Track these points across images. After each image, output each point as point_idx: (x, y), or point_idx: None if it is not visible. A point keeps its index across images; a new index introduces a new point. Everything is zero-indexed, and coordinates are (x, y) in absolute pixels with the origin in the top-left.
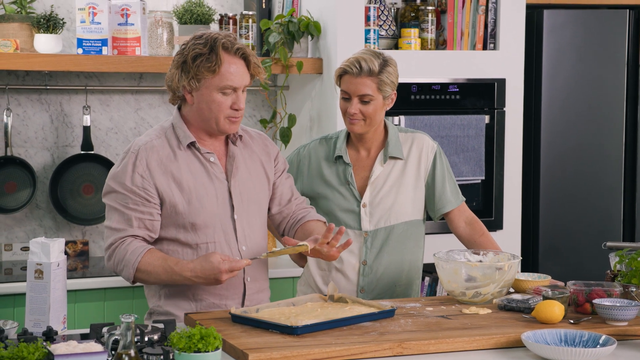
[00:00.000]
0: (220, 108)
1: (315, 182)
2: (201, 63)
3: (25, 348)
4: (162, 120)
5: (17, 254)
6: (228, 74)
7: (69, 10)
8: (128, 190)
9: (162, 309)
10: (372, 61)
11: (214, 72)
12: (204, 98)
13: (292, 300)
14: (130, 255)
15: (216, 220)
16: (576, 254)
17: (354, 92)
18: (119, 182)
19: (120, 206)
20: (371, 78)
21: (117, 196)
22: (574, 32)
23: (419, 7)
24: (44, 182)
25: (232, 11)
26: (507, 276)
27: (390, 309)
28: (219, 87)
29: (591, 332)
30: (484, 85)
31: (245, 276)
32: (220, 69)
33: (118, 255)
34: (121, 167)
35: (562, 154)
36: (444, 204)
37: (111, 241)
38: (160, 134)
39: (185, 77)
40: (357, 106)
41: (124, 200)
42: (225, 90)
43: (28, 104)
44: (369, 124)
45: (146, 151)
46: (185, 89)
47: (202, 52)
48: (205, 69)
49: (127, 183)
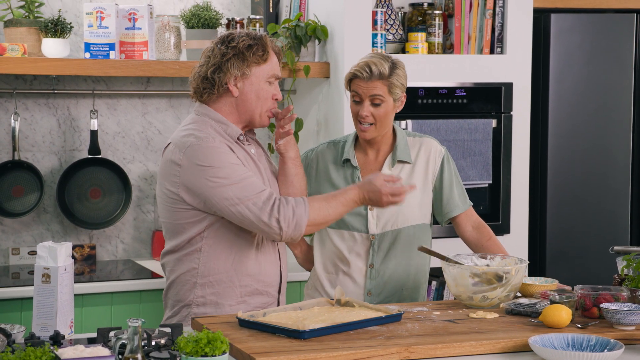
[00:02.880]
0: (267, 96)
1: (323, 186)
2: (255, 52)
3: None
4: (170, 124)
5: (24, 258)
6: (274, 64)
7: (77, 14)
8: (225, 155)
9: (204, 299)
10: (382, 64)
11: (265, 60)
12: (253, 87)
13: (299, 304)
14: (298, 208)
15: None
16: (583, 258)
17: (366, 93)
18: (218, 164)
19: (239, 180)
20: (382, 81)
21: (226, 173)
22: (581, 36)
23: (426, 11)
24: (51, 186)
25: (240, 15)
26: (515, 280)
27: (397, 313)
28: (268, 75)
29: (599, 337)
30: (491, 89)
31: (281, 264)
32: (269, 57)
33: (286, 211)
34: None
35: (570, 158)
36: (452, 209)
37: (267, 195)
38: (202, 127)
39: (240, 66)
40: (369, 109)
41: (235, 172)
42: (271, 79)
43: (35, 108)
44: (379, 127)
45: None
46: (235, 79)
47: (252, 44)
48: (259, 56)
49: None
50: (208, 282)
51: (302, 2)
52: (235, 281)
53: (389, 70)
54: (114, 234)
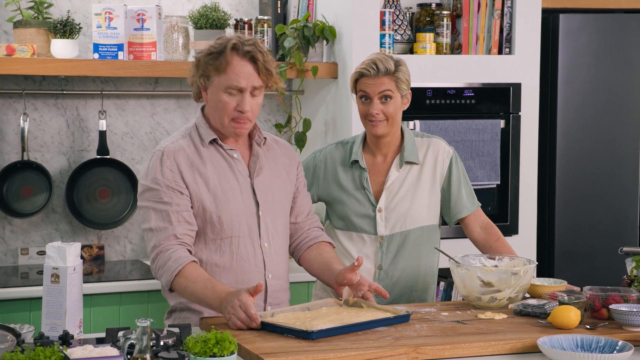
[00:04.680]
0: (225, 108)
1: (331, 187)
2: (209, 61)
3: (42, 352)
4: (178, 124)
5: (33, 258)
6: (233, 74)
7: (85, 15)
8: (160, 184)
9: (184, 305)
10: (387, 61)
11: (220, 71)
12: (213, 97)
13: (307, 304)
14: (172, 263)
15: (241, 215)
16: (592, 259)
17: (374, 91)
18: (150, 179)
19: (155, 204)
20: (389, 77)
21: (151, 193)
22: (589, 37)
23: (434, 11)
24: (60, 187)
25: (248, 16)
26: (523, 281)
27: (406, 314)
28: (225, 86)
29: (608, 338)
30: (499, 90)
31: (267, 272)
32: (226, 69)
33: (161, 261)
34: (150, 165)
35: (578, 159)
36: (460, 209)
37: (154, 243)
38: (184, 134)
39: (197, 74)
40: (378, 106)
41: (158, 195)
42: (231, 91)
43: (44, 108)
44: (391, 124)
45: (173, 150)
46: (201, 87)
47: (213, 52)
48: (212, 67)
49: (158, 177)
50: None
51: (310, 2)
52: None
53: (394, 66)
54: (122, 234)
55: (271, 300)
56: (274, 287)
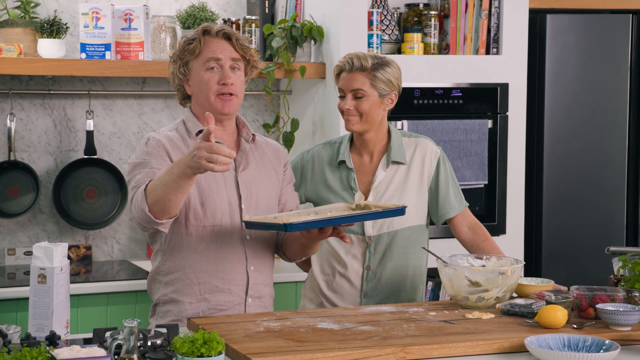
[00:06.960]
0: (208, 84)
1: (318, 187)
2: (185, 47)
3: (29, 353)
4: (166, 124)
5: (20, 259)
6: (209, 50)
7: (72, 15)
8: (148, 155)
9: (167, 297)
10: (366, 58)
11: (196, 52)
12: (195, 81)
13: (315, 209)
14: (139, 193)
15: (224, 205)
16: (579, 258)
17: (347, 87)
18: (137, 156)
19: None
20: (363, 73)
21: (139, 166)
22: (577, 37)
23: (422, 11)
24: (47, 187)
25: (235, 16)
26: (510, 281)
27: (401, 207)
28: (204, 63)
29: (594, 337)
30: (487, 90)
31: (248, 265)
32: (203, 48)
33: (136, 193)
34: (137, 151)
35: (565, 159)
36: (448, 210)
37: (131, 195)
38: (171, 128)
39: (175, 66)
40: (351, 102)
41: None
42: (210, 64)
43: (31, 108)
44: (365, 121)
45: (159, 137)
46: (183, 81)
47: (187, 40)
48: (188, 52)
49: (145, 154)
50: (169, 280)
51: (298, 2)
52: (193, 278)
53: (373, 64)
54: (109, 235)
55: (252, 292)
56: (255, 279)
